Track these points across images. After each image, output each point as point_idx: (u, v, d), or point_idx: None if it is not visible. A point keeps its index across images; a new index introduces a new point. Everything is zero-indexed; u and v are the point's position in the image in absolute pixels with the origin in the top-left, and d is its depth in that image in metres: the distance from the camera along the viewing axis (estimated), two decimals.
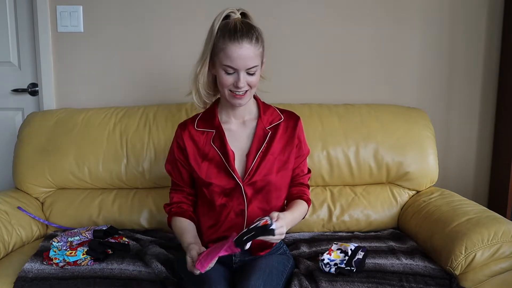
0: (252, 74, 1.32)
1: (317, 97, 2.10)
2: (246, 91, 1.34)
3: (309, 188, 1.52)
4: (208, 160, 1.41)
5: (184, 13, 2.11)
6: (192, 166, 1.42)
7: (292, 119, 1.48)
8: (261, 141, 1.42)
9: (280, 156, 1.42)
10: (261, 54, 1.35)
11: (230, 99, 1.36)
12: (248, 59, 1.30)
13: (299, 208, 1.43)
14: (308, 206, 1.49)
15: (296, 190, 1.48)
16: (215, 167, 1.40)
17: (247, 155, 1.41)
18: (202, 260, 1.20)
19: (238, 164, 1.41)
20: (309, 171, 1.54)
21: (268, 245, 1.44)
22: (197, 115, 1.49)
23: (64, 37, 2.14)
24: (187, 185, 1.49)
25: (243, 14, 1.37)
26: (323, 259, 1.45)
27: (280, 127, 1.45)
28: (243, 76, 1.31)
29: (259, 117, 1.45)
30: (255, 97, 1.49)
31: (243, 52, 1.29)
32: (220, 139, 1.41)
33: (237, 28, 1.30)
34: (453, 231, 1.51)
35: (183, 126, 1.47)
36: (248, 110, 1.45)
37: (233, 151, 1.41)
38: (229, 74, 1.32)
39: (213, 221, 1.43)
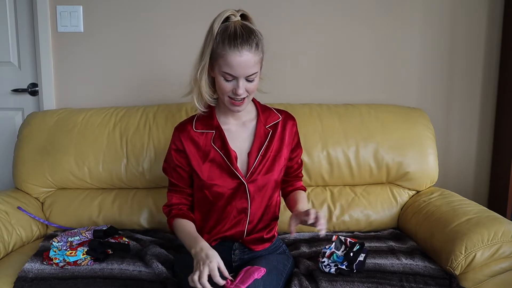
0: (251, 81, 1.32)
1: (317, 97, 2.10)
2: (245, 97, 1.34)
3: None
4: (210, 161, 1.40)
5: (184, 13, 2.11)
6: (194, 168, 1.42)
7: (289, 119, 1.50)
8: (263, 140, 1.43)
9: (279, 153, 1.44)
10: (261, 60, 1.34)
11: (229, 105, 1.36)
12: (248, 67, 1.28)
13: (305, 199, 1.55)
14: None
15: (299, 184, 1.60)
16: (217, 168, 1.40)
17: (249, 154, 1.41)
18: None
19: (240, 164, 1.41)
20: (301, 162, 1.62)
21: (267, 239, 1.47)
22: (193, 116, 1.47)
23: (64, 37, 2.14)
24: (187, 186, 1.48)
25: (243, 16, 1.34)
26: (323, 261, 1.45)
27: (279, 126, 1.46)
28: (242, 83, 1.30)
29: (258, 117, 1.46)
30: (252, 99, 1.49)
31: (243, 60, 1.27)
32: (221, 139, 1.41)
33: (237, 34, 1.27)
34: (453, 231, 1.51)
35: (181, 128, 1.45)
36: (246, 112, 1.44)
37: (235, 151, 1.41)
38: (228, 81, 1.30)
39: (214, 221, 1.43)
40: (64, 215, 1.87)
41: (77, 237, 1.58)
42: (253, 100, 1.49)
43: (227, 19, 1.31)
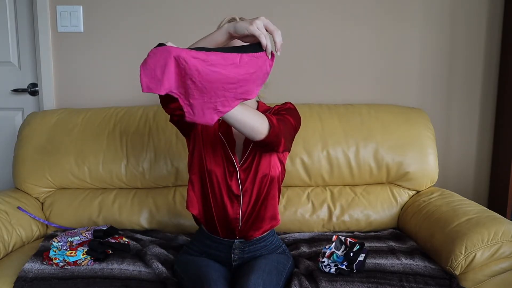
0: None
1: (317, 97, 2.10)
2: None
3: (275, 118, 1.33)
4: (212, 146, 1.44)
5: (184, 13, 2.11)
6: (203, 148, 1.44)
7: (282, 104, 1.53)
8: None
9: None
10: None
11: None
12: None
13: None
14: (268, 121, 1.26)
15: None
16: (218, 152, 1.43)
17: (244, 143, 1.44)
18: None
19: (238, 152, 1.44)
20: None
21: (263, 226, 1.45)
22: None
23: (64, 37, 2.15)
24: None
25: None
26: (323, 261, 1.45)
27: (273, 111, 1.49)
28: None
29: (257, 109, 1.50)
30: (257, 101, 1.53)
31: None
32: (227, 128, 1.44)
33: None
34: (453, 231, 1.51)
35: None
36: None
37: (235, 140, 1.44)
38: None
39: (209, 205, 1.44)
40: (64, 215, 1.87)
41: (77, 237, 1.58)
42: (258, 102, 1.53)
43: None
